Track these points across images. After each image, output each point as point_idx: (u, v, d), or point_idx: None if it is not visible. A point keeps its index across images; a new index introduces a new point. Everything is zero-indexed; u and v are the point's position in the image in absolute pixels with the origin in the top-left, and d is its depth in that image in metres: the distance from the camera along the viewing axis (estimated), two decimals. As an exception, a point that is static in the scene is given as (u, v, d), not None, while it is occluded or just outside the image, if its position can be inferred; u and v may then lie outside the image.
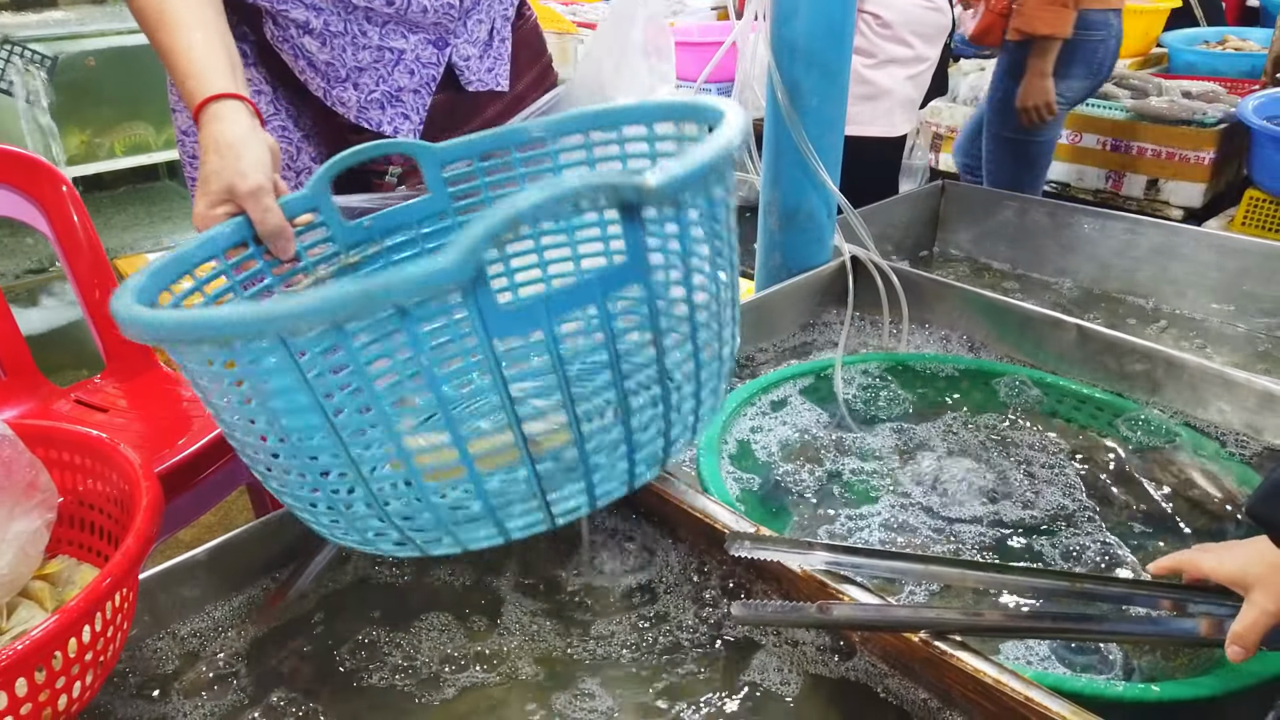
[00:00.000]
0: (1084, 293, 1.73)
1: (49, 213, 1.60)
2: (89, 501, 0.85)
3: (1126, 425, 1.19)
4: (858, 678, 0.82)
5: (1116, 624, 0.79)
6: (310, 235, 0.80)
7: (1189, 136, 2.71)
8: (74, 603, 0.65)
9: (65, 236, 1.62)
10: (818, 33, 1.35)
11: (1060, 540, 1.02)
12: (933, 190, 1.91)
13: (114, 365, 1.65)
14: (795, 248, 1.51)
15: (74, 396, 1.60)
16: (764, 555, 0.86)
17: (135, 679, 0.83)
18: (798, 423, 1.22)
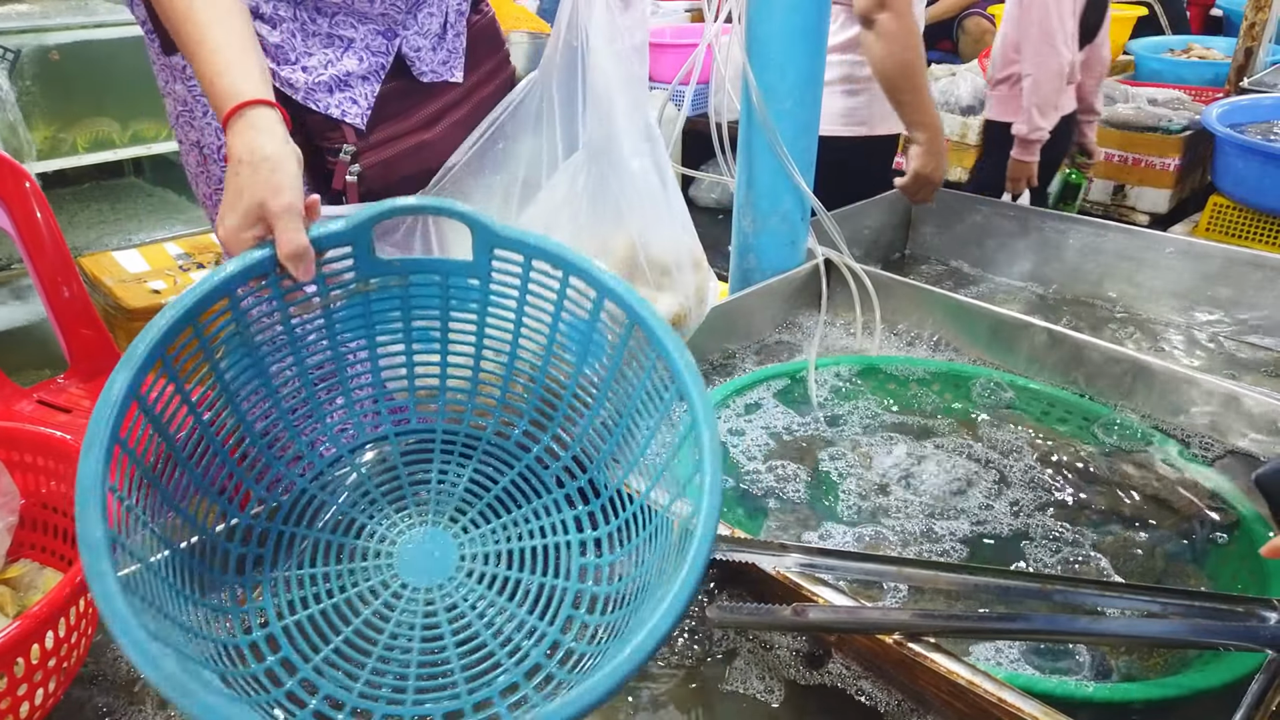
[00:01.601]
0: (1052, 296, 1.75)
1: (11, 210, 1.57)
2: (52, 504, 0.83)
3: (1095, 428, 1.21)
4: (832, 680, 0.83)
5: (1088, 625, 0.79)
6: (334, 265, 0.78)
7: (1155, 143, 2.75)
8: (37, 608, 0.63)
9: (28, 234, 1.59)
10: (792, 35, 1.35)
11: (1031, 542, 1.03)
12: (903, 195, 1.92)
13: (77, 365, 1.63)
14: (769, 250, 1.51)
15: (36, 397, 1.57)
16: (738, 557, 0.86)
17: (101, 684, 0.81)
18: (771, 424, 1.22)
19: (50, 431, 0.83)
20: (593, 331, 0.81)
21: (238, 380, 0.75)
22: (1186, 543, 1.03)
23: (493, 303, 0.83)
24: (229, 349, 0.74)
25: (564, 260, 0.79)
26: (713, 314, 1.42)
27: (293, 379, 0.80)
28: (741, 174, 1.49)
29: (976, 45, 4.27)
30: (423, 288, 0.82)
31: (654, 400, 0.77)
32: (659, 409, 0.76)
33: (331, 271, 0.78)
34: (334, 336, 0.81)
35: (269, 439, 0.78)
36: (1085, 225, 1.73)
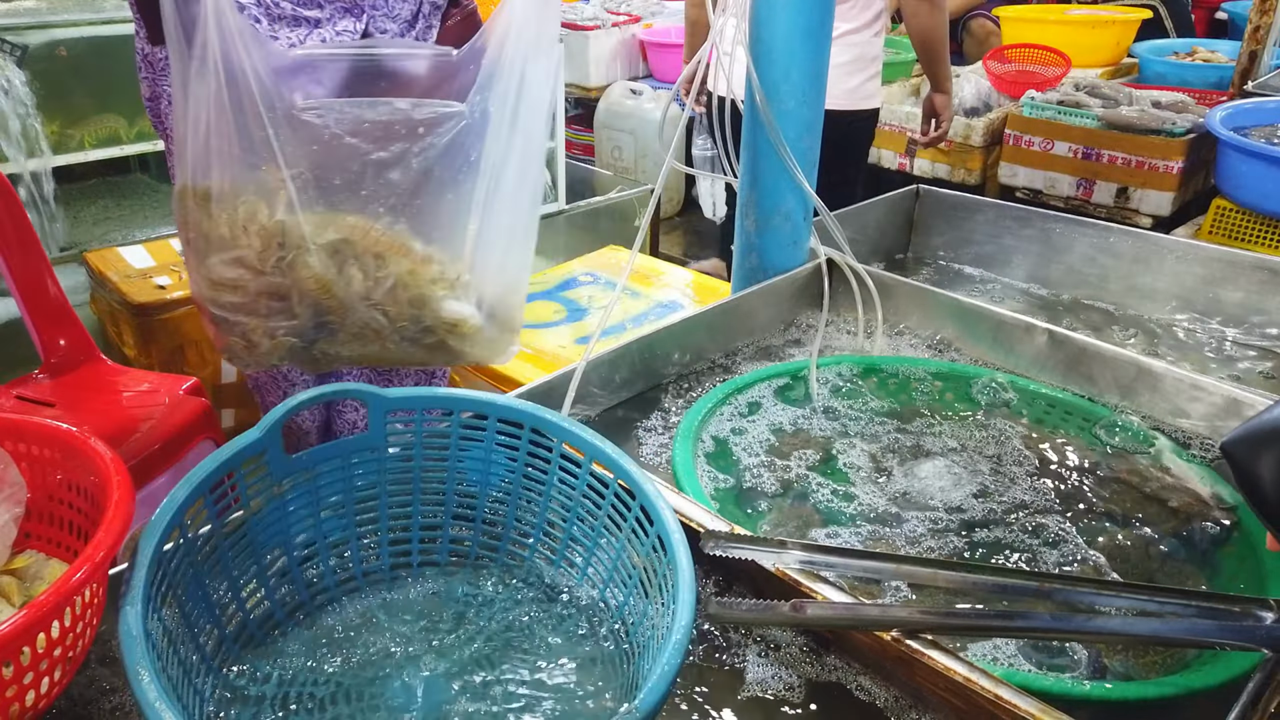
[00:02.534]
0: (1055, 298, 1.75)
1: None
2: (58, 496, 0.84)
3: (1096, 429, 1.21)
4: (831, 676, 0.83)
5: (1085, 623, 0.80)
6: (254, 474, 0.81)
7: (1158, 146, 2.75)
8: (44, 597, 0.64)
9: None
10: (796, 34, 1.36)
11: (1030, 541, 1.03)
12: (907, 195, 1.92)
13: (53, 361, 1.62)
14: (771, 250, 1.52)
15: (14, 393, 1.57)
16: (738, 554, 0.87)
17: (105, 673, 0.82)
18: (772, 423, 1.22)
19: (58, 424, 0.83)
20: (490, 453, 0.89)
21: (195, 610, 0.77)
22: (1185, 543, 1.03)
23: (391, 465, 0.89)
24: (186, 578, 0.76)
25: (454, 400, 0.87)
26: (715, 313, 1.43)
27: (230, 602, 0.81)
28: (745, 173, 1.50)
29: (981, 47, 4.28)
30: (329, 473, 0.86)
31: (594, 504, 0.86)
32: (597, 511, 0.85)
33: (252, 480, 0.81)
34: (256, 543, 0.83)
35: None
36: (1088, 227, 1.73)
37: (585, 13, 4.80)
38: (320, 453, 0.85)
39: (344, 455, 0.86)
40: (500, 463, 0.90)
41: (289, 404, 0.81)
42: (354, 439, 0.86)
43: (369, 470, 0.88)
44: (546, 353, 1.99)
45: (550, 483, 0.89)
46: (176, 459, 1.47)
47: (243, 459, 0.78)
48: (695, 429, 1.16)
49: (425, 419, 0.88)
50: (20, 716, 0.66)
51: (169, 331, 2.12)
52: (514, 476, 0.90)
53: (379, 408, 0.85)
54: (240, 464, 0.78)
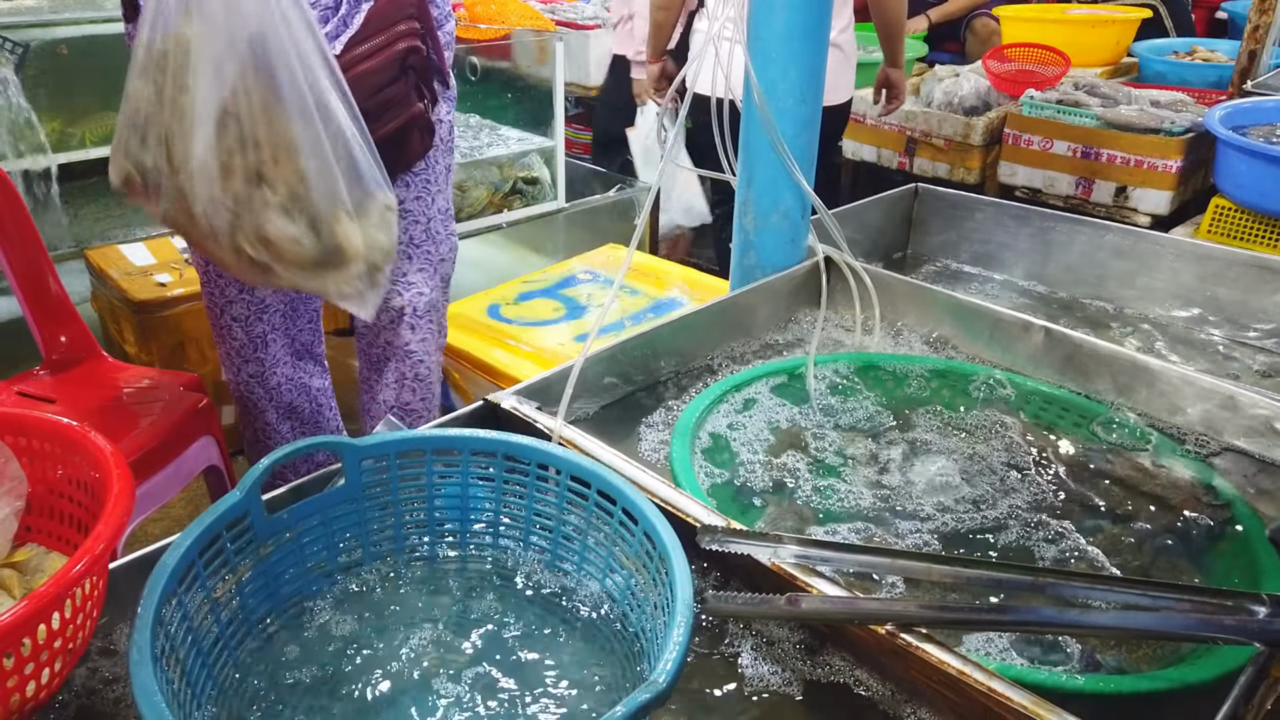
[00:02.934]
0: (1053, 296, 1.76)
1: None
2: (59, 490, 0.85)
3: (1093, 426, 1.22)
4: (826, 671, 0.84)
5: (1078, 617, 0.80)
6: (239, 537, 0.81)
7: (1157, 145, 2.75)
8: (45, 588, 0.64)
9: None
10: (794, 33, 1.36)
11: (1025, 536, 1.03)
12: (906, 194, 1.93)
13: (54, 357, 1.63)
14: (770, 248, 1.52)
15: (15, 389, 1.57)
16: (735, 548, 0.87)
17: (106, 664, 0.82)
18: (769, 420, 1.23)
19: (59, 418, 0.84)
20: (468, 487, 0.91)
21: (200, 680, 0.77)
22: (1179, 539, 1.04)
23: (371, 515, 0.90)
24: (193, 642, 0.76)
25: (427, 440, 0.89)
26: (713, 311, 1.43)
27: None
28: (743, 172, 1.50)
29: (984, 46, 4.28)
30: (312, 530, 0.87)
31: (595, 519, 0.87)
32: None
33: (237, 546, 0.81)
34: (246, 607, 0.83)
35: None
36: (1086, 226, 1.73)
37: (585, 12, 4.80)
38: (300, 510, 0.86)
39: (324, 510, 0.87)
40: (479, 496, 0.92)
41: (266, 462, 0.82)
42: (333, 492, 0.87)
43: (350, 522, 0.89)
44: (546, 350, 1.99)
45: (529, 501, 0.91)
46: (177, 455, 1.48)
47: (225, 521, 0.79)
48: (693, 426, 1.17)
49: (399, 463, 0.89)
50: (21, 707, 0.67)
51: (169, 328, 2.12)
52: (493, 500, 0.92)
53: (353, 457, 0.87)
54: (224, 526, 0.79)
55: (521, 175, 2.90)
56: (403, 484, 0.90)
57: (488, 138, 3.01)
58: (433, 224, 1.62)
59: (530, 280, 2.33)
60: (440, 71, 1.57)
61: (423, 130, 1.53)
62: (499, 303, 2.19)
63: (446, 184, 1.68)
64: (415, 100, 1.48)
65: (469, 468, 0.90)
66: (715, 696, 0.83)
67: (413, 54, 1.45)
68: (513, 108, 2.98)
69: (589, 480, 0.86)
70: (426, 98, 1.51)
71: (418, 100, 1.49)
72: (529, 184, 2.92)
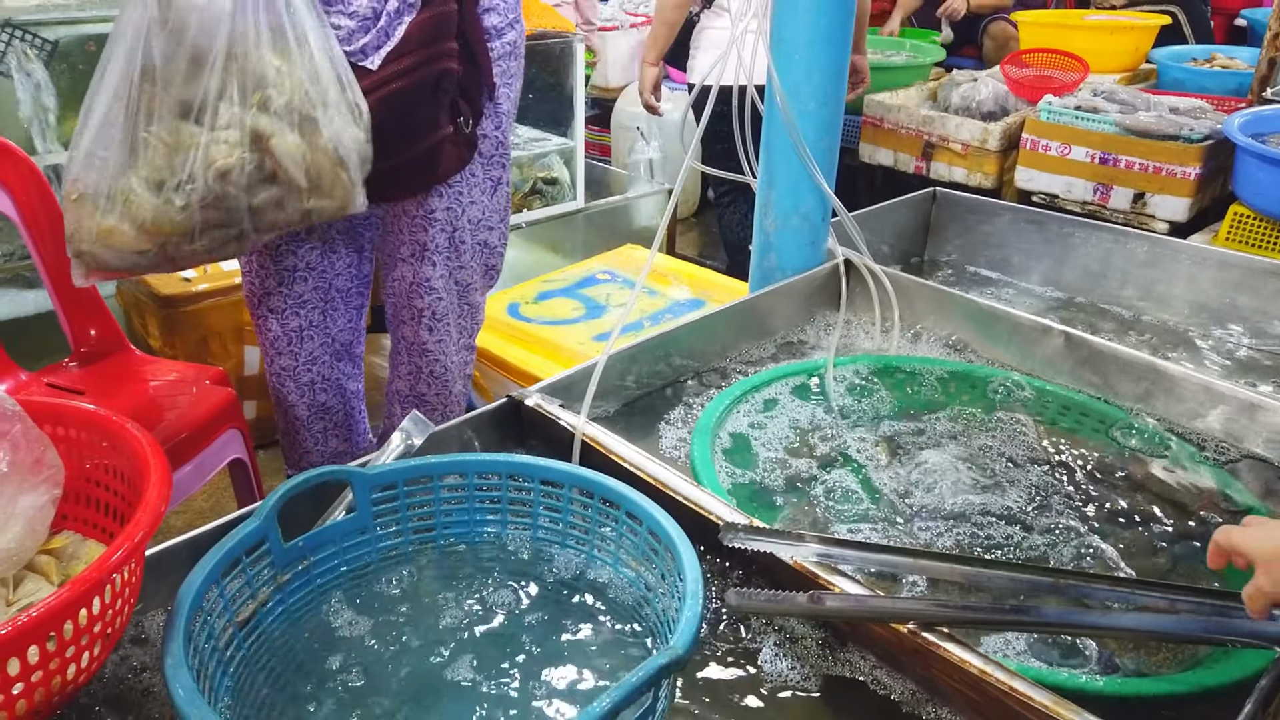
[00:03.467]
0: (1070, 301, 1.76)
1: (17, 199, 1.58)
2: (94, 478, 0.86)
3: (1112, 430, 1.22)
4: (846, 669, 0.85)
5: (1098, 619, 0.81)
6: (258, 563, 0.83)
7: (1175, 152, 2.75)
8: (87, 573, 0.66)
9: (33, 223, 1.60)
10: (818, 36, 1.37)
11: (1044, 539, 1.04)
12: (924, 198, 1.93)
13: (83, 350, 1.65)
14: (790, 250, 1.53)
15: (45, 380, 1.59)
16: (757, 546, 0.88)
17: (136, 652, 0.84)
18: (789, 420, 1.24)
19: (94, 409, 0.85)
20: (473, 507, 0.93)
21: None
22: (1198, 544, 1.04)
23: (383, 546, 0.92)
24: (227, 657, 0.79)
25: (434, 466, 0.91)
26: (733, 312, 1.44)
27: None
28: (763, 174, 1.51)
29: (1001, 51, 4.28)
30: (325, 560, 0.89)
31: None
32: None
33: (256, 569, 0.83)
34: (269, 634, 0.84)
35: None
36: (1105, 232, 1.74)
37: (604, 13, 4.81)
38: (315, 539, 0.88)
39: (337, 540, 0.89)
40: (484, 520, 0.94)
41: (283, 489, 0.84)
42: (344, 522, 0.89)
43: (362, 552, 0.91)
44: (565, 349, 2.00)
45: (535, 515, 0.93)
46: (202, 448, 1.50)
47: (244, 547, 0.81)
48: (713, 425, 1.18)
49: (407, 491, 0.92)
50: (62, 689, 0.68)
51: (194, 323, 2.14)
52: (499, 520, 0.94)
53: (364, 486, 0.89)
54: (243, 552, 0.81)
55: (541, 175, 2.92)
56: (410, 510, 0.92)
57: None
58: (459, 233, 1.62)
59: (550, 280, 2.34)
60: (488, 86, 1.56)
61: (460, 146, 1.53)
62: (519, 301, 2.20)
63: (487, 195, 1.66)
64: (446, 124, 1.48)
65: (474, 491, 0.93)
66: (736, 692, 0.84)
67: (446, 77, 1.44)
68: (533, 108, 2.99)
69: (593, 491, 0.89)
70: (464, 116, 1.51)
71: (449, 123, 1.48)
72: (549, 184, 2.93)
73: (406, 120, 1.44)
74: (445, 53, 1.43)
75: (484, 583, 0.92)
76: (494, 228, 1.71)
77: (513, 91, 1.63)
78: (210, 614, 0.76)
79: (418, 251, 1.61)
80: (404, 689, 0.81)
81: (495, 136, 1.62)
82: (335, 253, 1.66)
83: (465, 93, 1.50)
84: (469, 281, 1.70)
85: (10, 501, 0.77)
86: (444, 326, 1.69)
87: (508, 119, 1.65)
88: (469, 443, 1.12)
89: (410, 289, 1.63)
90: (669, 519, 0.82)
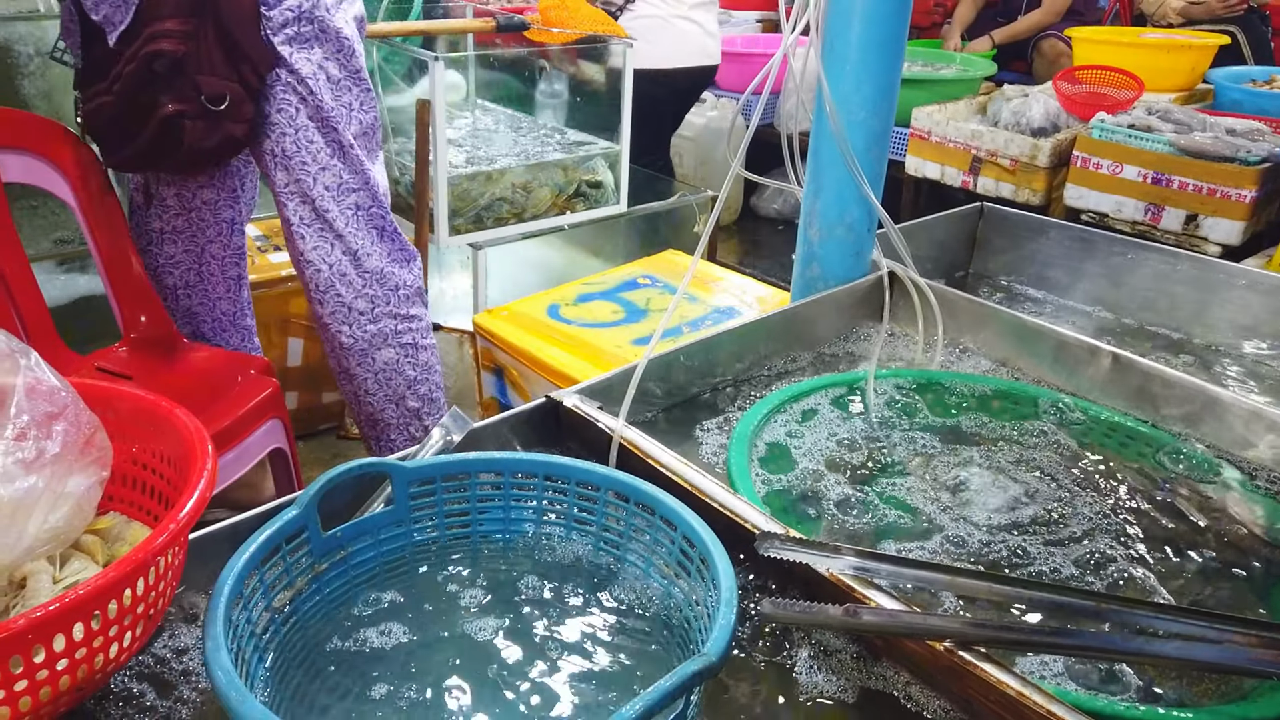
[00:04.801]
0: (1117, 322, 1.73)
1: (72, 182, 1.62)
2: (141, 461, 0.88)
3: (1159, 455, 1.20)
4: (880, 684, 0.84)
5: (1142, 645, 0.79)
6: (297, 551, 0.84)
7: (1231, 173, 2.70)
8: (133, 553, 0.67)
9: (88, 207, 1.64)
10: (870, 47, 1.36)
11: (1086, 562, 1.02)
12: (971, 212, 1.91)
13: (133, 335, 1.68)
14: (833, 260, 1.52)
15: (95, 364, 1.63)
16: (792, 556, 0.88)
17: (179, 633, 0.85)
18: (827, 431, 1.23)
19: (145, 394, 0.87)
20: (509, 505, 0.94)
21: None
22: (1246, 574, 1.02)
23: (419, 540, 0.93)
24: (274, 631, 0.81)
25: (472, 463, 0.92)
26: (774, 320, 1.44)
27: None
28: (810, 183, 1.51)
29: (1051, 68, 4.23)
30: (362, 551, 0.89)
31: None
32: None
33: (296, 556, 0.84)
34: (300, 613, 0.85)
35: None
36: (1155, 253, 1.71)
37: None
38: (352, 530, 0.88)
39: (374, 532, 0.90)
40: (519, 518, 0.95)
41: (324, 479, 0.84)
42: (382, 514, 0.90)
43: (398, 545, 0.92)
44: (604, 352, 2.01)
45: (570, 517, 0.93)
46: (244, 436, 1.52)
47: (284, 535, 0.81)
48: (751, 433, 1.17)
49: (443, 487, 0.92)
50: (104, 667, 0.70)
51: (237, 313, 2.18)
52: (534, 520, 0.95)
53: (402, 479, 0.89)
54: (283, 540, 0.81)
55: (586, 178, 2.93)
56: (447, 506, 0.93)
57: (555, 140, 3.05)
58: (319, 200, 1.73)
59: (590, 282, 2.35)
60: (259, 58, 1.63)
61: (212, 120, 1.60)
62: (559, 303, 2.21)
63: (328, 155, 1.74)
64: (168, 103, 1.55)
65: (510, 490, 0.94)
66: (769, 703, 0.83)
67: (158, 59, 1.52)
68: (580, 111, 3.01)
69: (628, 495, 0.89)
70: (202, 95, 1.58)
71: (174, 102, 1.56)
72: (592, 187, 2.95)
73: (134, 104, 1.55)
74: (160, 34, 1.52)
75: (516, 581, 0.92)
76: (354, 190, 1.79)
77: (321, 56, 1.70)
78: (249, 600, 0.77)
79: (287, 230, 1.74)
80: (432, 682, 0.81)
81: (290, 110, 1.69)
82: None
83: (215, 70, 1.58)
84: (355, 248, 1.78)
85: (60, 481, 0.79)
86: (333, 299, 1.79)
87: (328, 83, 1.71)
88: (506, 441, 1.12)
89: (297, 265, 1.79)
90: (704, 526, 0.82)
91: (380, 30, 2.56)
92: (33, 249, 2.23)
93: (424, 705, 0.79)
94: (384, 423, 1.99)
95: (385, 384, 1.92)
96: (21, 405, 0.77)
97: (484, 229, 2.73)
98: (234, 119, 1.61)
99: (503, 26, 2.69)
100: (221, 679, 0.65)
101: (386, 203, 1.86)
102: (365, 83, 1.78)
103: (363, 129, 1.78)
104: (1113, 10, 5.01)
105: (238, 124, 1.63)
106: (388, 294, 1.83)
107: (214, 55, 1.56)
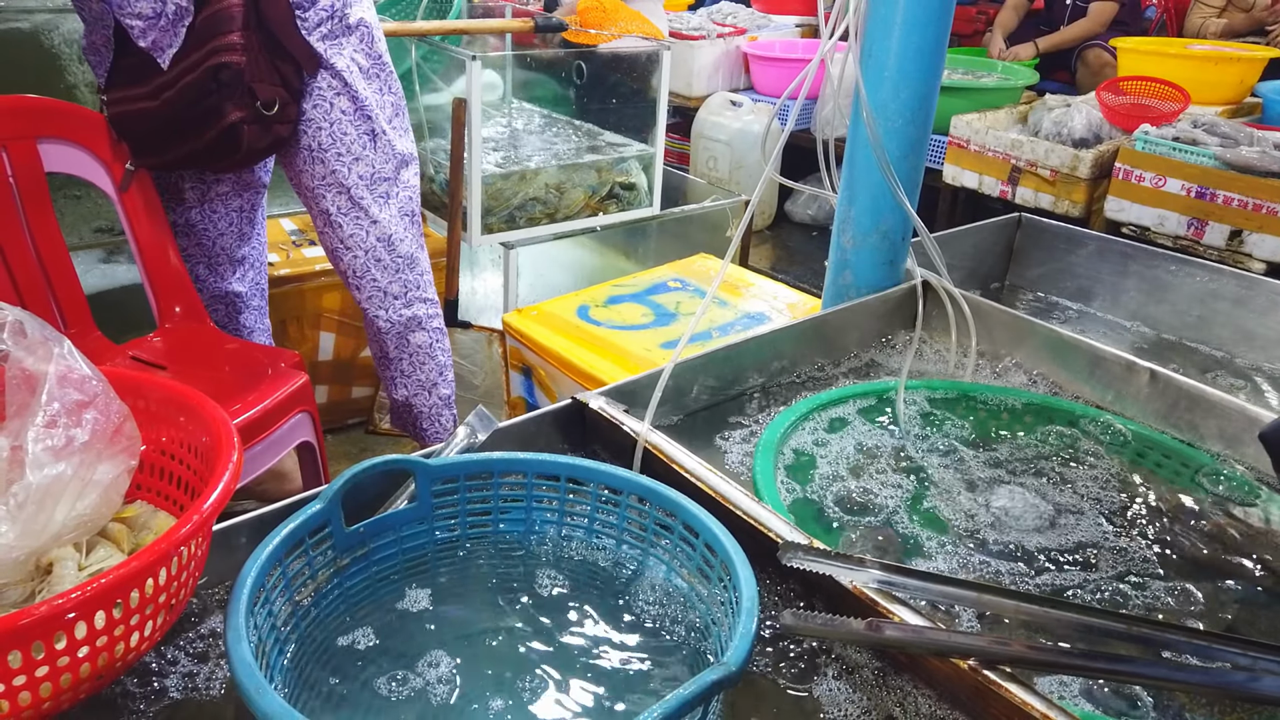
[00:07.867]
0: (1157, 338, 1.70)
1: (112, 172, 1.65)
2: (169, 451, 0.88)
3: (1198, 476, 1.17)
4: (901, 701, 0.82)
5: (1174, 671, 0.77)
6: (320, 545, 0.85)
7: (1277, 189, 2.64)
8: (156, 544, 0.68)
9: (127, 197, 1.67)
10: (909, 53, 1.35)
11: (1117, 583, 1.00)
12: (1008, 223, 1.89)
13: (167, 326, 1.70)
14: (866, 268, 1.51)
15: (130, 354, 1.65)
16: (816, 567, 0.87)
17: (200, 624, 0.86)
18: (855, 442, 1.22)
19: (175, 383, 0.88)
20: (531, 505, 0.94)
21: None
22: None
23: (441, 538, 0.93)
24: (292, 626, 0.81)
25: (495, 463, 0.92)
26: (805, 327, 1.42)
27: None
28: (844, 190, 1.49)
29: (1095, 78, 4.17)
30: (384, 546, 0.89)
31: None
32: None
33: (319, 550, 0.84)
34: (325, 619, 0.85)
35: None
36: (1197, 268, 1.67)
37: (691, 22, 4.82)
38: (376, 526, 0.89)
39: (396, 529, 0.90)
40: (540, 519, 0.95)
41: (348, 474, 0.85)
42: (405, 511, 0.90)
43: (420, 542, 0.92)
44: (632, 355, 2.00)
45: (592, 519, 0.93)
46: (274, 428, 1.53)
47: (308, 529, 0.82)
48: (777, 441, 1.16)
49: (467, 485, 0.92)
50: (125, 655, 0.70)
51: (272, 306, 2.20)
52: (555, 521, 0.94)
53: (426, 477, 0.90)
54: (306, 534, 0.82)
55: (619, 180, 2.93)
56: (470, 504, 0.93)
57: (590, 141, 3.05)
58: (354, 190, 1.79)
59: (620, 284, 2.34)
60: (305, 60, 1.70)
61: (267, 125, 1.68)
62: (588, 304, 2.21)
63: (361, 146, 1.81)
64: (233, 111, 1.62)
65: (533, 490, 0.93)
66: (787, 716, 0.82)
67: (224, 70, 1.59)
68: (615, 113, 3.01)
69: (651, 500, 0.88)
70: (262, 100, 1.65)
71: (237, 110, 1.63)
72: (626, 189, 2.94)
73: (193, 111, 1.61)
74: (223, 48, 1.59)
75: (535, 582, 0.92)
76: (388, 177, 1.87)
77: (351, 49, 1.76)
78: (271, 593, 0.78)
79: (324, 219, 1.83)
80: (449, 681, 0.81)
81: (318, 119, 1.76)
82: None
83: (264, 76, 1.65)
84: (389, 234, 1.85)
85: (89, 469, 0.80)
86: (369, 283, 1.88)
87: (360, 74, 1.78)
88: (531, 441, 1.12)
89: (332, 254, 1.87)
90: (727, 534, 0.81)
91: (419, 29, 2.58)
92: (74, 238, 2.26)
93: (442, 704, 0.79)
94: (415, 410, 2.04)
95: (419, 367, 1.99)
96: (53, 393, 0.78)
97: (516, 229, 2.74)
98: (281, 120, 1.70)
99: (541, 27, 2.70)
100: (241, 670, 0.65)
101: (416, 184, 1.92)
102: (388, 65, 1.87)
103: (394, 110, 1.86)
104: (1159, 21, 4.93)
105: (284, 125, 1.71)
106: (417, 278, 1.91)
107: (261, 62, 1.64)
